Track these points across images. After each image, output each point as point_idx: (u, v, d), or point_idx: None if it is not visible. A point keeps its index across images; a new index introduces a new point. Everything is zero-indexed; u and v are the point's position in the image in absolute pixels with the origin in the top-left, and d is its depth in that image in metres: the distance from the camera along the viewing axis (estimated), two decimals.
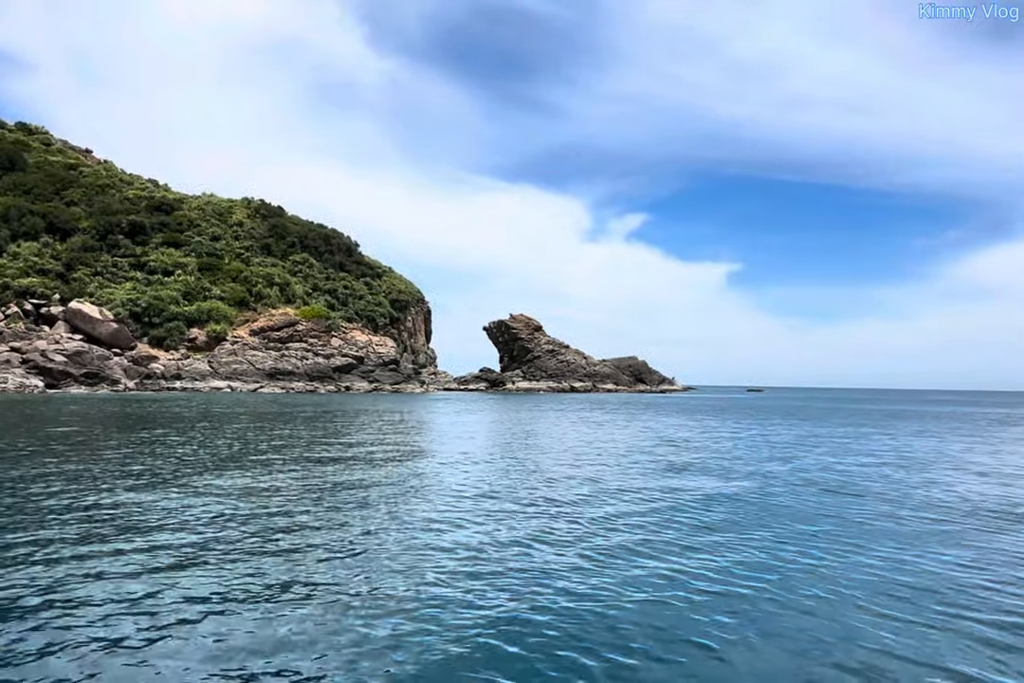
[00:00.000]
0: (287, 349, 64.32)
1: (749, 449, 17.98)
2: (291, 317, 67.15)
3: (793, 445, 19.46)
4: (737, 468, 13.65)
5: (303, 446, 16.07)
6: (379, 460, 13.57)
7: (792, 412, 47.01)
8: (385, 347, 71.93)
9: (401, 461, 13.44)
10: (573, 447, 17.08)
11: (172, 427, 20.52)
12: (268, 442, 16.79)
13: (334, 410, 32.05)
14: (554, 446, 17.53)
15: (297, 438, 18.02)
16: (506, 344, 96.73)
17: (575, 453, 15.68)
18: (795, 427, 28.65)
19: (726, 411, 43.95)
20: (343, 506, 8.90)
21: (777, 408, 53.51)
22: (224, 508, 8.56)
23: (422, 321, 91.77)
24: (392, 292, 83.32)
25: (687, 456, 15.75)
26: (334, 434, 19.36)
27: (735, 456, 16.12)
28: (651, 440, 20.04)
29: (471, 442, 18.44)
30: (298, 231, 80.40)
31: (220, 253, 71.40)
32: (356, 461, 13.30)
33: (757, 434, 23.57)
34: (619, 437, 21.26)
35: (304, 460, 13.42)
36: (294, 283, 72.86)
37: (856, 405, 67.59)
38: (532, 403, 50.56)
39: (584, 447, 17.24)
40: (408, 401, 46.60)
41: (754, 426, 28.93)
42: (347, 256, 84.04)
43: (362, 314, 76.32)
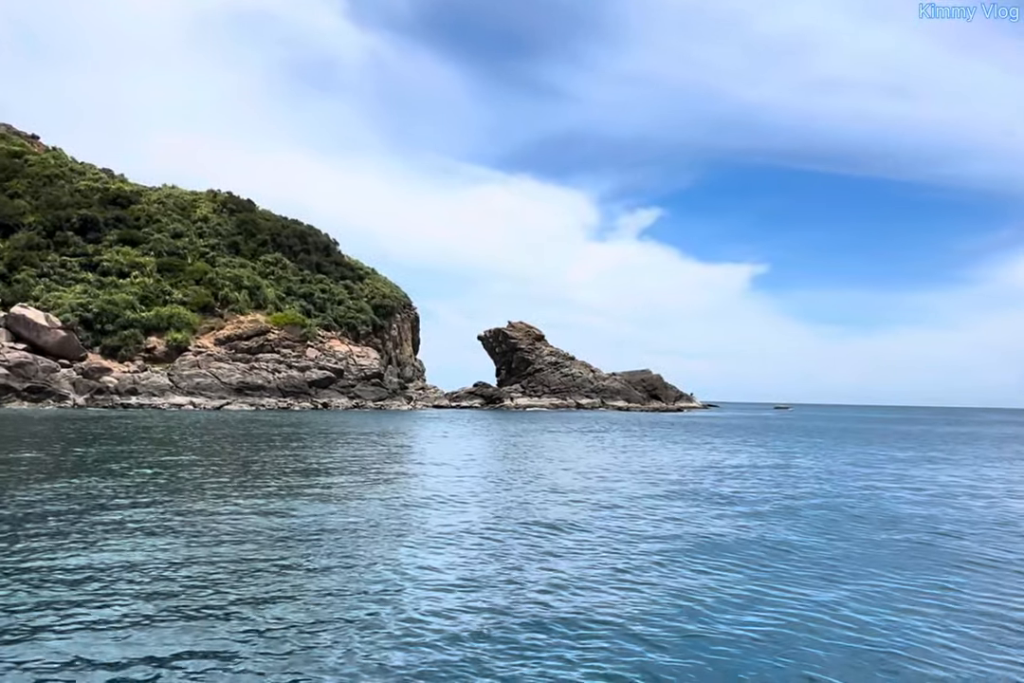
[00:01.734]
0: (257, 361, 64.06)
1: (810, 480, 17.79)
2: (262, 325, 66.98)
3: (861, 476, 19.10)
4: (805, 509, 13.18)
5: (271, 475, 15.79)
6: (354, 497, 13.19)
7: (832, 433, 46.56)
8: (367, 359, 72.00)
9: (381, 499, 13.06)
10: (601, 485, 16.07)
11: (118, 452, 20.06)
12: (231, 471, 16.47)
13: (309, 430, 31.91)
14: (574, 481, 16.60)
15: (265, 465, 17.76)
16: (504, 355, 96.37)
17: (606, 494, 14.58)
18: (846, 452, 28.19)
19: (759, 432, 43.68)
20: (303, 556, 8.38)
21: (815, 429, 53.13)
22: (174, 555, 8.25)
23: (409, 329, 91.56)
24: (375, 297, 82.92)
25: (749, 494, 15.19)
26: (306, 460, 19.10)
27: (801, 490, 15.84)
28: (700, 475, 19.18)
29: (465, 471, 18.09)
30: (270, 228, 79.99)
31: (182, 252, 71.23)
32: (328, 497, 12.96)
33: (805, 461, 23.13)
34: (657, 465, 20.79)
35: (269, 494, 13.14)
36: (265, 286, 72.23)
37: (901, 426, 67.14)
38: (534, 422, 50.26)
39: (617, 481, 16.70)
40: (393, 420, 46.33)
41: (796, 450, 28.52)
42: (325, 256, 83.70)
43: (341, 321, 75.78)
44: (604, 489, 15.16)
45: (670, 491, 15.13)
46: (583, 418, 61.27)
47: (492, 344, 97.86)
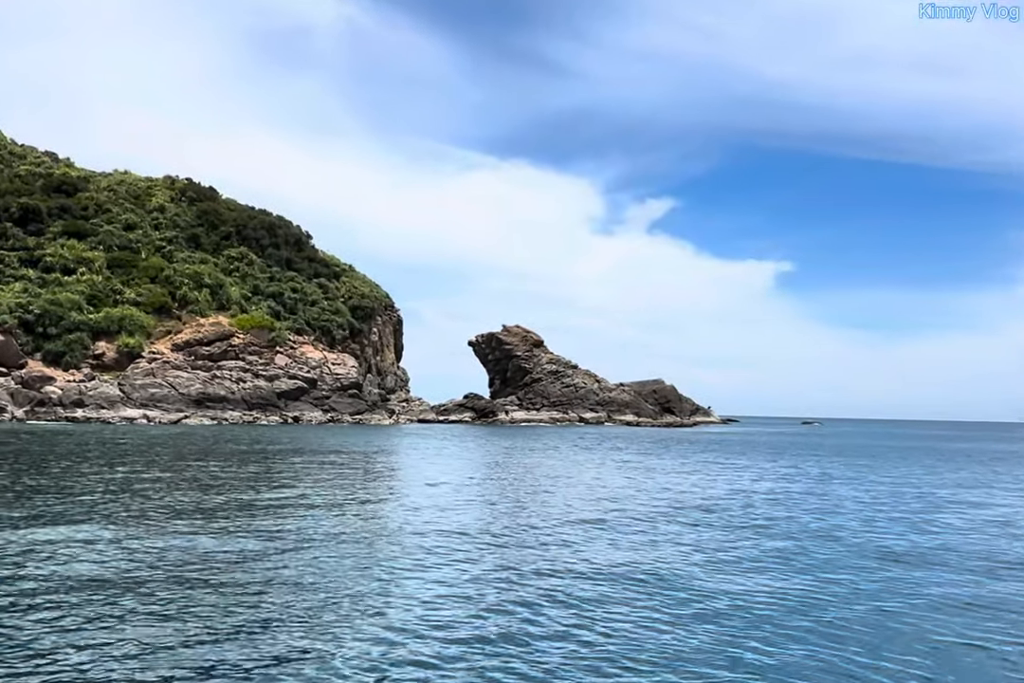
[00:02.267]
0: (219, 369, 63.76)
1: (859, 510, 17.55)
2: (225, 328, 66.68)
3: (920, 505, 18.84)
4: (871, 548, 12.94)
5: (231, 504, 15.50)
6: (323, 535, 12.74)
7: (873, 452, 46.23)
8: (344, 367, 71.65)
9: (356, 541, 12.58)
10: (621, 516, 15.68)
11: (56, 473, 19.70)
12: (184, 500, 16.15)
13: (276, 448, 31.66)
14: (590, 511, 16.14)
15: (224, 490, 17.50)
16: (497, 363, 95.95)
17: (629, 527, 14.21)
18: (895, 475, 27.98)
19: (789, 451, 43.58)
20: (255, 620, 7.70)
21: (851, 447, 52.81)
22: (114, 608, 7.97)
23: (391, 334, 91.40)
24: (353, 297, 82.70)
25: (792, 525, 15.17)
26: (270, 486, 18.79)
27: (849, 522, 15.74)
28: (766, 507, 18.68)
29: (460, 497, 17.75)
30: (235, 219, 79.70)
31: (135, 246, 70.79)
32: (292, 537, 12.40)
33: (846, 490, 22.93)
34: (685, 490, 20.49)
35: (224, 530, 12.83)
36: (229, 285, 71.88)
37: (948, 443, 66.93)
38: (533, 438, 50.08)
39: (637, 510, 16.37)
40: (373, 436, 46.09)
41: (833, 471, 28.33)
42: (296, 251, 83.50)
43: (315, 325, 75.55)
44: (625, 521, 14.91)
45: (701, 519, 15.08)
46: (589, 434, 61.13)
47: (484, 351, 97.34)
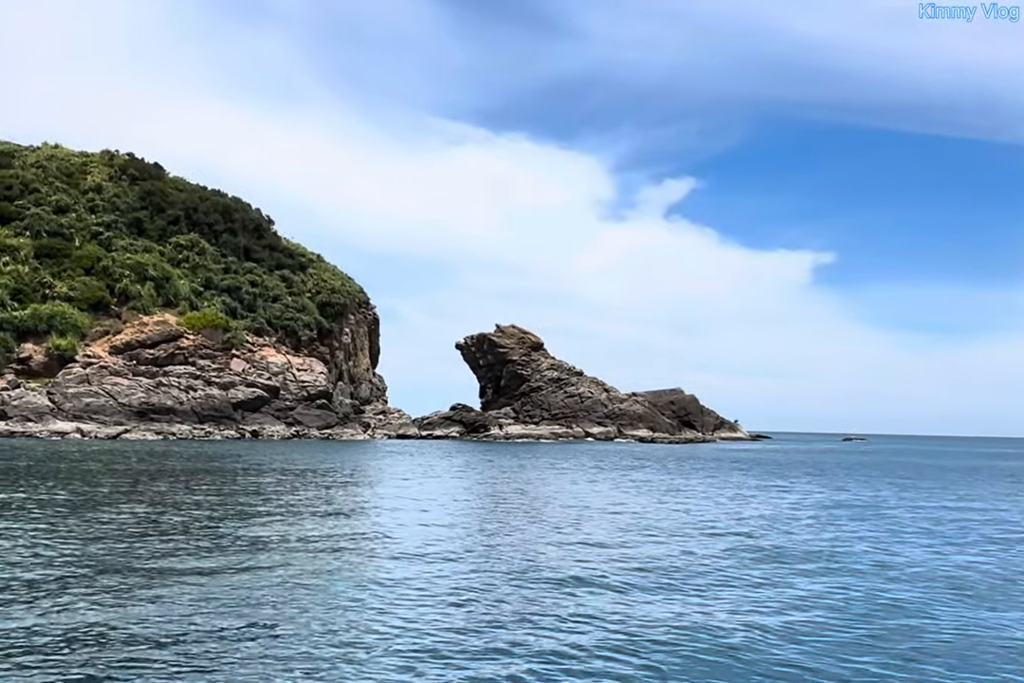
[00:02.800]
0: (166, 375, 63.37)
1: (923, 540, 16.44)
2: (172, 328, 66.36)
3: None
4: None
5: (172, 539, 14.57)
6: (292, 581, 11.82)
7: (934, 472, 45.82)
8: (311, 373, 71.55)
9: (322, 606, 11.53)
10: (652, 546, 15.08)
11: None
12: (113, 533, 15.29)
13: (228, 468, 31.44)
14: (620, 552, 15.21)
15: (165, 520, 16.65)
16: (490, 369, 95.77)
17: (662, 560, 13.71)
18: (966, 497, 27.46)
19: (832, 471, 42.99)
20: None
21: (906, 467, 52.45)
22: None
23: (366, 335, 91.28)
24: (322, 292, 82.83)
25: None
26: (224, 516, 17.98)
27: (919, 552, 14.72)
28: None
29: (455, 532, 16.80)
30: (183, 201, 79.34)
31: (68, 232, 70.40)
32: (246, 579, 11.63)
33: (909, 511, 22.44)
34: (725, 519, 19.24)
35: (162, 584, 11.70)
36: (177, 277, 71.66)
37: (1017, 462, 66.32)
38: (534, 456, 49.88)
39: (668, 537, 15.62)
40: (344, 454, 45.90)
41: (888, 494, 27.36)
42: (256, 238, 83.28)
43: (277, 324, 75.48)
44: (656, 552, 13.97)
45: (746, 553, 14.37)
46: (598, 452, 61.10)
47: (475, 355, 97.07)
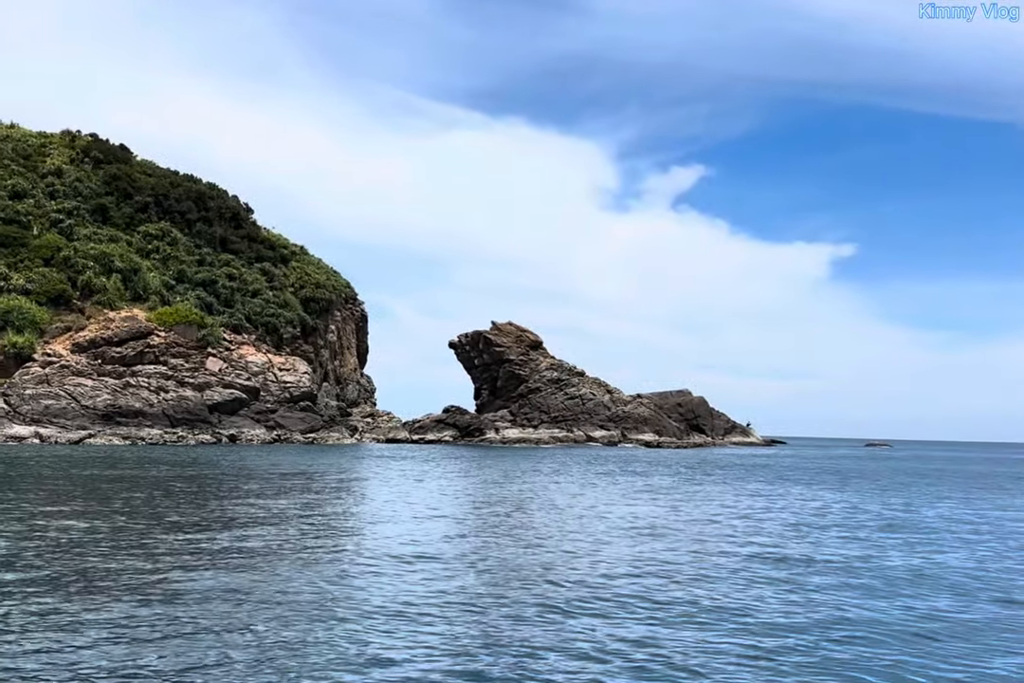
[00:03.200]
0: (135, 376, 63.00)
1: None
2: (141, 324, 65.89)
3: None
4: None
5: (160, 561, 13.85)
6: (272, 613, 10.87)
7: (969, 479, 45.30)
8: (294, 373, 71.57)
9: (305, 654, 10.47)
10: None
11: None
12: (69, 553, 14.68)
13: (204, 474, 30.96)
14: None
15: (143, 536, 16.05)
16: (486, 370, 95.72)
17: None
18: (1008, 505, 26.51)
19: (860, 478, 42.20)
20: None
21: (942, 474, 51.89)
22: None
23: (353, 333, 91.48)
24: (306, 286, 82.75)
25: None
26: (192, 536, 17.33)
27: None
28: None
29: (459, 565, 15.93)
30: (153, 186, 79.30)
31: (25, 220, 69.54)
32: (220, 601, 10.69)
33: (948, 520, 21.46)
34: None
35: (139, 590, 10.91)
36: (146, 269, 71.57)
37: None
38: (535, 461, 49.74)
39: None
40: (329, 459, 45.67)
41: (921, 503, 26.33)
42: (234, 228, 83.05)
43: (257, 320, 75.56)
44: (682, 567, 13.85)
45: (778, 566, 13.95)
46: (603, 457, 60.89)
47: (470, 354, 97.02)
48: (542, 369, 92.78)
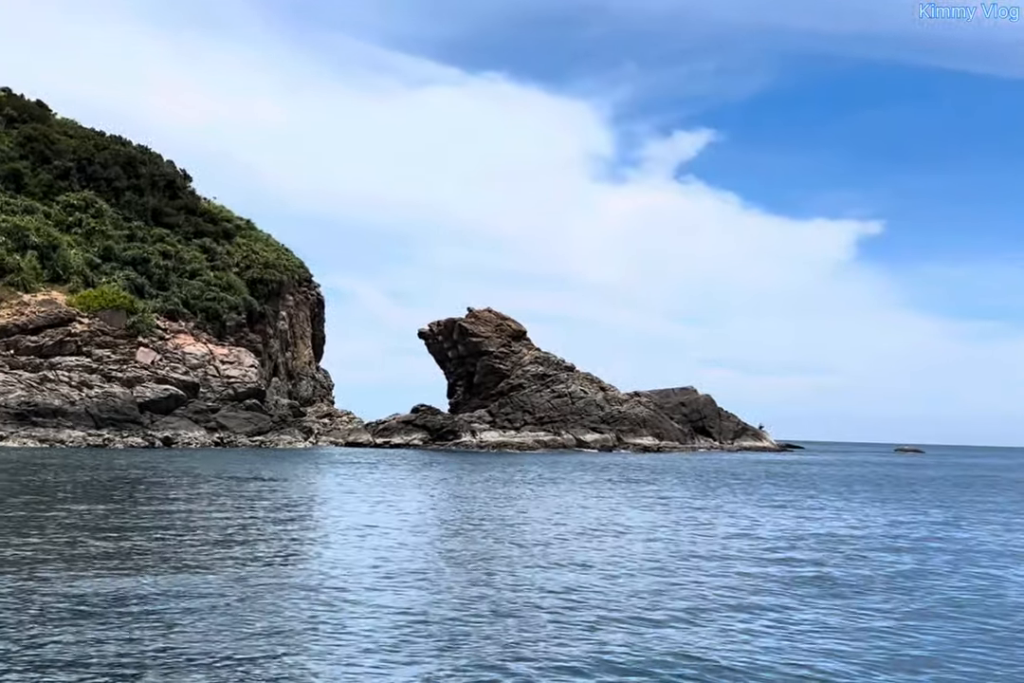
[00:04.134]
0: (53, 368, 62.74)
1: None
2: (61, 309, 65.50)
3: None
4: None
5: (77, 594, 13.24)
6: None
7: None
8: (239, 366, 71.44)
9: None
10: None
11: None
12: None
13: (131, 479, 30.46)
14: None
15: (59, 561, 15.74)
16: (461, 363, 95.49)
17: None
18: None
19: (897, 488, 42.25)
20: None
21: (992, 483, 51.98)
22: None
23: (307, 320, 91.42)
24: (253, 266, 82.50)
25: None
26: (110, 567, 17.01)
27: None
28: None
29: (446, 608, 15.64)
30: (75, 149, 78.94)
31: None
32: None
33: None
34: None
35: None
36: (67, 245, 70.99)
37: None
38: (520, 467, 49.45)
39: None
40: (278, 468, 45.17)
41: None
42: (168, 198, 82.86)
43: (196, 306, 75.31)
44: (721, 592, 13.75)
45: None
46: (597, 464, 60.87)
47: (443, 345, 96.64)
48: (526, 363, 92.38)
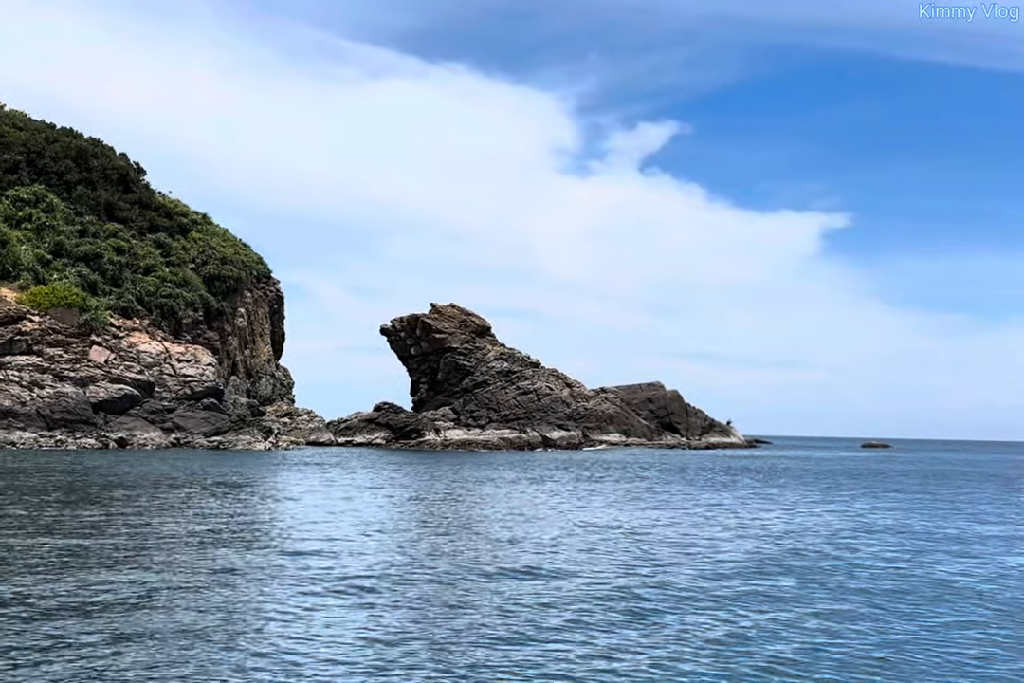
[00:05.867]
0: (3, 368, 62.63)
1: None
2: (11, 307, 65.35)
3: None
4: None
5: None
6: None
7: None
8: (196, 365, 71.42)
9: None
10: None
11: None
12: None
13: (79, 484, 30.07)
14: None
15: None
16: (424, 360, 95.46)
17: None
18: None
19: (872, 480, 42.18)
20: None
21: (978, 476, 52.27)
22: None
23: (266, 317, 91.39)
24: (210, 262, 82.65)
25: None
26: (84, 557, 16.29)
27: None
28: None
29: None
30: (24, 142, 78.80)
31: None
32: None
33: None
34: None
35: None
36: (16, 241, 70.57)
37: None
38: (488, 466, 49.45)
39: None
40: (240, 469, 45.06)
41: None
42: (122, 192, 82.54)
43: (151, 302, 75.27)
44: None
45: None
46: (564, 461, 60.78)
47: (405, 341, 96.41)
48: (490, 359, 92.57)
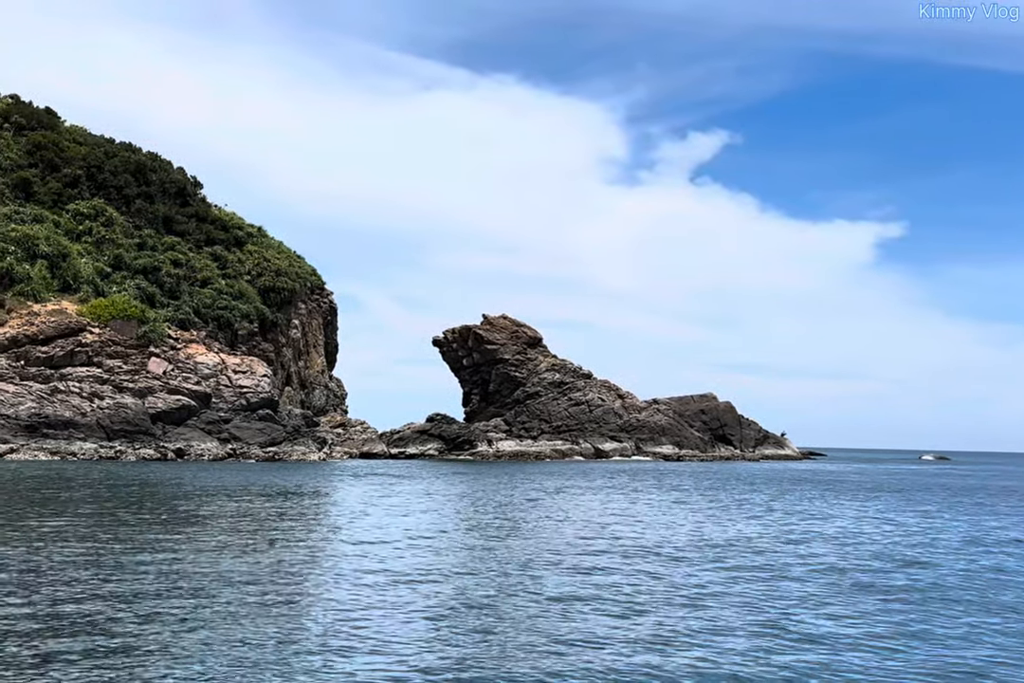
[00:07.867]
0: (63, 379, 62.86)
1: None
2: (71, 319, 65.64)
3: None
4: None
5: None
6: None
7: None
8: (251, 376, 71.53)
9: None
10: None
11: None
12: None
13: (144, 508, 30.15)
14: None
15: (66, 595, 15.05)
16: (476, 371, 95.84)
17: None
18: None
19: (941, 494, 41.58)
20: None
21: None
22: None
23: (320, 328, 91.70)
24: (265, 274, 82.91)
25: None
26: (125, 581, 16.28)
27: None
28: None
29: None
30: (85, 157, 79.08)
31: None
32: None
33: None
34: None
35: None
36: (77, 254, 71.11)
37: None
38: (546, 476, 49.11)
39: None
40: (293, 481, 45.04)
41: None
42: (180, 206, 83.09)
43: (208, 315, 75.45)
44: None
45: None
46: (623, 473, 60.54)
47: (457, 353, 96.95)
48: (542, 370, 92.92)
